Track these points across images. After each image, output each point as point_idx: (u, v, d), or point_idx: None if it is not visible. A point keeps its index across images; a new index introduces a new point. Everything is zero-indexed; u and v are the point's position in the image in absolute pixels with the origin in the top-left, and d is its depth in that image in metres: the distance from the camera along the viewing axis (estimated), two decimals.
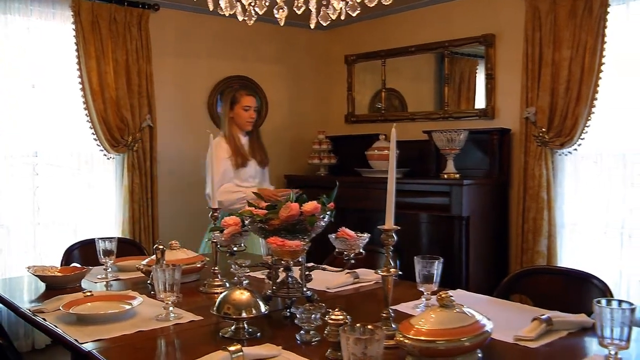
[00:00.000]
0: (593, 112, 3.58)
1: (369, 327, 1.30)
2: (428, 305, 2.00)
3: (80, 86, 3.99)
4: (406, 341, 1.46)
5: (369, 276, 2.43)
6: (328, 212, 1.98)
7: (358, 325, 1.31)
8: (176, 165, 4.57)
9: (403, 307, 2.02)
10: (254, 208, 1.97)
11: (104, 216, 4.24)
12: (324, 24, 2.06)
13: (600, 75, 3.54)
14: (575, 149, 3.70)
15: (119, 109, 4.12)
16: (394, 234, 1.68)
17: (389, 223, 1.66)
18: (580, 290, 2.03)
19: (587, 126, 3.61)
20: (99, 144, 4.10)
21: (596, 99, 3.56)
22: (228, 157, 3.46)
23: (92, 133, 4.06)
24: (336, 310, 1.60)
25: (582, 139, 3.65)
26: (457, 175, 3.99)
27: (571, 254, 3.80)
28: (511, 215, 4.13)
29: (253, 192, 2.84)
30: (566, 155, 3.76)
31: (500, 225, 4.14)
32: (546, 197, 3.77)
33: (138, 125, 4.22)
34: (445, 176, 4.02)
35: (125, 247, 3.07)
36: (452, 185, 3.87)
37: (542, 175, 3.77)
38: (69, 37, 3.96)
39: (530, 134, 3.84)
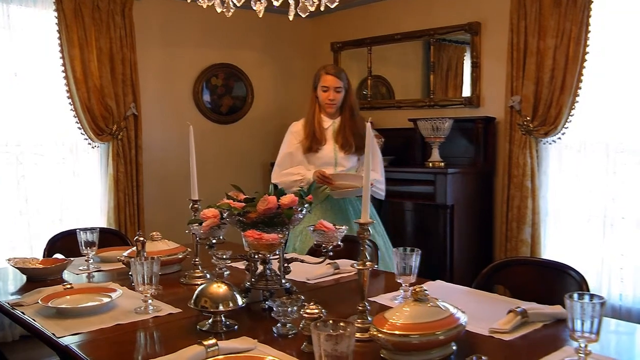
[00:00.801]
0: (577, 102, 3.60)
1: (341, 323, 1.31)
2: (406, 297, 2.01)
3: (64, 74, 3.96)
4: (380, 335, 1.47)
5: (349, 267, 2.44)
6: (306, 205, 1.98)
7: (330, 321, 1.32)
8: (161, 154, 4.56)
9: (381, 299, 2.03)
10: (232, 201, 1.97)
11: (90, 204, 4.23)
12: (303, 16, 2.05)
13: (585, 64, 3.54)
14: (559, 138, 3.72)
15: (103, 97, 4.10)
16: (369, 228, 1.68)
17: (365, 217, 1.66)
18: (556, 281, 2.05)
19: (571, 115, 3.63)
20: (84, 132, 4.08)
21: (580, 89, 3.58)
22: (298, 141, 3.20)
23: (77, 122, 4.04)
24: (311, 304, 1.61)
25: (566, 127, 3.66)
26: (442, 164, 4.00)
27: (555, 242, 3.84)
28: (496, 203, 4.15)
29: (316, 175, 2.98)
30: (550, 144, 3.77)
31: (484, 214, 4.16)
32: (530, 186, 3.79)
33: (123, 113, 4.19)
34: (430, 164, 4.03)
35: (109, 237, 3.08)
36: (437, 174, 3.88)
37: (527, 163, 3.79)
38: (51, 24, 3.92)
39: (515, 122, 3.85)
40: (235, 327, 1.75)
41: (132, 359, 1.52)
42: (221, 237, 2.08)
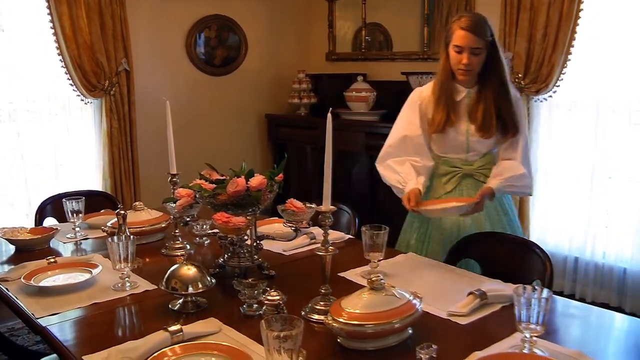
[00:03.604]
0: (569, 60, 3.54)
1: (290, 317, 1.36)
2: (375, 273, 2.07)
3: (53, 31, 3.92)
4: (334, 325, 1.54)
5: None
6: (276, 185, 2.01)
7: (278, 315, 1.38)
8: (155, 109, 4.55)
9: (350, 274, 2.10)
10: (203, 181, 2.01)
11: (84, 160, 4.29)
12: None
13: (578, 22, 3.47)
14: (550, 96, 3.68)
15: (94, 53, 4.07)
16: (330, 215, 1.71)
17: (326, 204, 1.70)
18: (523, 258, 2.11)
19: (563, 74, 3.58)
20: (76, 89, 4.08)
21: (573, 47, 3.51)
22: (421, 115, 2.47)
23: (68, 78, 4.03)
24: (272, 290, 1.68)
25: (557, 86, 3.62)
26: None
27: (543, 200, 3.87)
28: None
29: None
30: (541, 102, 3.74)
31: None
32: None
33: (114, 69, 4.18)
34: None
35: (99, 200, 3.15)
36: None
37: None
38: None
39: None
40: (206, 305, 1.83)
41: (105, 341, 1.60)
42: (195, 215, 2.13)
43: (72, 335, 1.68)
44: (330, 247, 1.74)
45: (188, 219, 2.11)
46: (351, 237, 2.59)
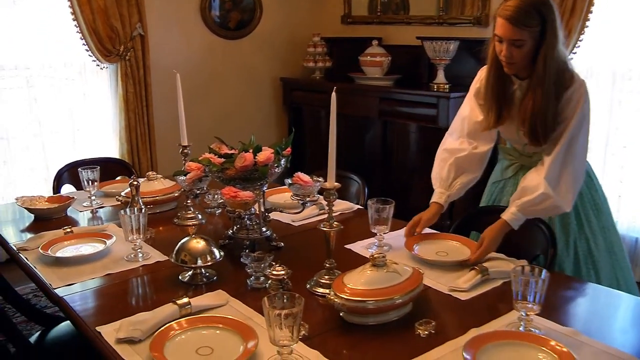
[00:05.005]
0: (587, 26, 3.47)
1: (291, 295, 1.41)
2: (380, 246, 2.12)
3: None
4: (336, 300, 1.59)
5: (336, 206, 2.51)
6: (283, 160, 2.04)
7: (280, 293, 1.43)
8: (170, 73, 4.55)
9: (357, 247, 2.13)
10: (212, 155, 2.05)
11: (101, 125, 4.35)
12: None
13: None
14: None
15: (108, 18, 4.08)
16: (335, 192, 1.75)
17: (331, 181, 1.73)
18: (528, 233, 2.12)
19: (580, 40, 3.51)
20: (91, 54, 4.11)
21: (591, 12, 3.44)
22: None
23: (84, 44, 4.07)
24: (277, 265, 1.73)
25: (574, 53, 3.56)
26: (447, 86, 3.96)
27: None
28: None
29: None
30: None
31: None
32: None
33: (129, 34, 4.19)
34: (435, 87, 4.00)
35: (115, 168, 3.21)
36: (440, 97, 3.87)
37: None
38: None
39: None
40: (215, 277, 1.89)
41: (118, 312, 1.67)
42: (205, 188, 2.18)
43: (87, 306, 1.76)
44: (335, 223, 1.77)
45: (198, 192, 2.16)
46: (360, 207, 2.63)
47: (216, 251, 1.89)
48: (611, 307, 1.80)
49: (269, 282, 1.72)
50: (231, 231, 2.11)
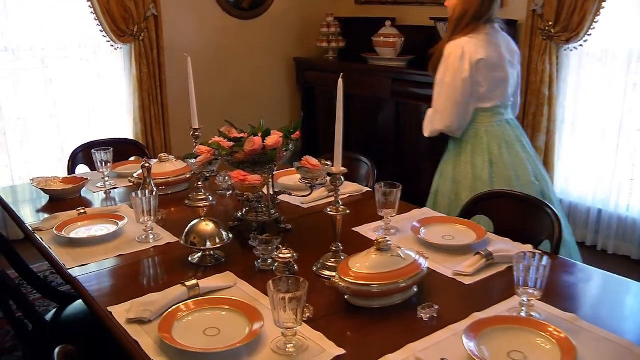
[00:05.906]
0: (603, 8, 3.43)
1: (296, 278, 1.44)
2: (387, 229, 2.14)
3: None
4: (341, 283, 1.62)
5: (345, 189, 2.53)
6: (291, 144, 2.06)
7: (285, 277, 1.46)
8: (183, 53, 4.60)
9: (364, 230, 2.16)
10: (222, 139, 2.07)
11: (115, 105, 4.40)
12: None
13: None
14: (581, 45, 3.59)
15: None
16: (341, 177, 1.77)
17: (337, 166, 1.75)
18: (534, 217, 2.13)
19: (595, 22, 3.47)
20: (105, 35, 4.14)
21: None
22: (480, 58, 2.64)
23: (98, 24, 4.09)
24: (284, 248, 1.77)
25: (589, 35, 3.52)
26: None
27: (568, 151, 3.84)
28: None
29: None
30: (571, 51, 3.66)
31: None
32: (547, 93, 3.73)
33: (142, 14, 4.21)
34: None
35: (128, 148, 3.26)
36: None
37: (545, 70, 3.70)
38: None
39: (536, 27, 3.71)
40: (223, 259, 1.93)
41: (129, 292, 1.72)
42: (215, 171, 2.21)
43: (99, 286, 1.80)
44: (341, 207, 1.79)
45: (208, 175, 2.19)
46: (369, 189, 2.64)
47: (224, 234, 1.92)
48: (614, 293, 1.81)
49: (276, 264, 1.76)
50: (240, 213, 2.14)
